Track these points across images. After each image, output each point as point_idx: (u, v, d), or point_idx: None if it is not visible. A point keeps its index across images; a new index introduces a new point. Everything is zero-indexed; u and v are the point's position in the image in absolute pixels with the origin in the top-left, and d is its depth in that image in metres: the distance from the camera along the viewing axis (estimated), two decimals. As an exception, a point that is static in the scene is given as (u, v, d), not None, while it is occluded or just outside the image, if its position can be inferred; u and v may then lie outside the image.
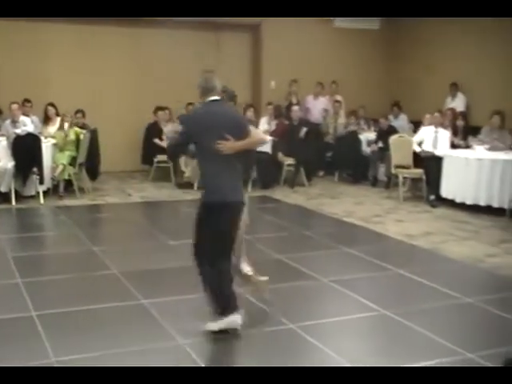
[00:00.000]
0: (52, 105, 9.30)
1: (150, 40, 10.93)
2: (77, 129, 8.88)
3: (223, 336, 4.03)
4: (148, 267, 5.54)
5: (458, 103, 10.41)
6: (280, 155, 9.79)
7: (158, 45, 10.96)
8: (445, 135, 8.86)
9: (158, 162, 9.98)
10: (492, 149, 8.32)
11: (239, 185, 4.16)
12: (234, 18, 10.09)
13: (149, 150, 10.19)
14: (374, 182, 10.09)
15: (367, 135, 10.59)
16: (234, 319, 4.03)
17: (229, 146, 3.96)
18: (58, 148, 8.68)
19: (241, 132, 4.04)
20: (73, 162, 8.62)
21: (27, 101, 9.40)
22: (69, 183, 8.69)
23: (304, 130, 10.01)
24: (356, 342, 4.20)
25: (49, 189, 8.60)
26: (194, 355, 3.74)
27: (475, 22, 9.98)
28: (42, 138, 8.54)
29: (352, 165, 10.38)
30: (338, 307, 4.72)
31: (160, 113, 10.33)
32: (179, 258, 5.80)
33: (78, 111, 9.41)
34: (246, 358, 3.85)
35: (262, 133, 9.92)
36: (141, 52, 10.92)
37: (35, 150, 8.21)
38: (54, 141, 8.73)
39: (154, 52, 10.97)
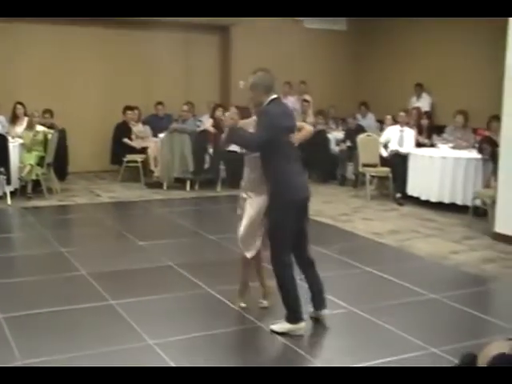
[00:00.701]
0: (21, 104, 9.21)
1: (119, 40, 10.88)
2: (45, 129, 8.81)
3: (193, 335, 4.07)
4: (117, 268, 5.53)
5: (423, 103, 10.63)
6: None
7: (127, 45, 10.93)
8: (410, 134, 9.03)
9: (128, 161, 9.95)
10: (456, 147, 8.50)
11: None
12: (204, 19, 10.20)
13: (118, 150, 10.14)
14: (343, 181, 10.21)
15: (336, 134, 10.70)
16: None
17: (297, 138, 4.18)
18: (26, 148, 8.59)
19: (296, 126, 4.25)
20: (41, 162, 8.54)
21: (-8, 101, 9.29)
22: (37, 184, 8.60)
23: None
24: (325, 339, 4.26)
25: (16, 189, 8.51)
26: (163, 355, 3.77)
27: (439, 23, 10.20)
28: (9, 138, 8.45)
29: (321, 164, 10.48)
30: (307, 305, 4.77)
31: (129, 112, 10.29)
32: (148, 258, 5.83)
33: (45, 111, 9.34)
34: (216, 357, 3.89)
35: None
36: (110, 52, 10.87)
37: (2, 150, 8.11)
38: (21, 141, 8.64)
39: (123, 52, 10.93)
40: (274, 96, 4.09)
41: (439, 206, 8.06)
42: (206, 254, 6.12)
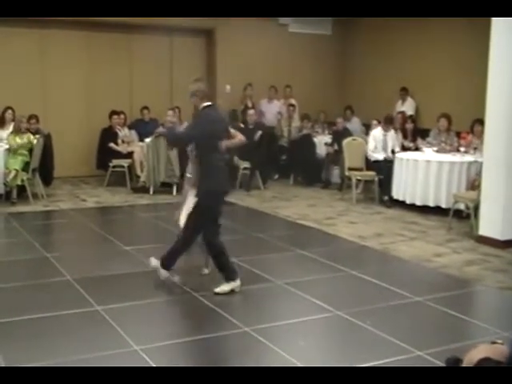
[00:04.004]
0: (10, 108, 9.17)
1: (104, 44, 10.88)
2: (29, 134, 8.77)
3: (178, 341, 4.09)
4: (102, 273, 5.52)
5: (408, 107, 10.71)
6: (236, 159, 9.87)
7: (112, 49, 10.93)
8: (394, 138, 9.12)
9: (114, 166, 9.93)
10: (440, 151, 8.58)
11: None
12: (188, 22, 10.22)
13: (104, 155, 10.13)
14: (327, 185, 10.26)
15: (322, 138, 10.76)
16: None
17: (226, 144, 5.00)
18: (11, 153, 8.55)
19: (227, 133, 5.06)
20: (26, 167, 8.51)
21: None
22: (22, 189, 8.57)
23: (259, 133, 10.11)
24: (310, 343, 4.27)
25: (1, 195, 8.47)
26: (149, 360, 3.77)
27: (423, 27, 10.31)
28: (-6, 143, 8.42)
29: (306, 167, 10.53)
30: (293, 309, 4.80)
31: (115, 117, 10.28)
32: (134, 263, 5.82)
33: (31, 116, 9.25)
34: (201, 361, 3.90)
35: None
36: (95, 56, 10.85)
37: (-14, 156, 8.09)
38: (6, 146, 8.60)
39: (109, 56, 10.93)
40: (209, 103, 4.83)
41: (424, 210, 8.13)
42: (191, 259, 6.12)
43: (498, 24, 6.44)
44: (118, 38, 10.91)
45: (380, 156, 8.98)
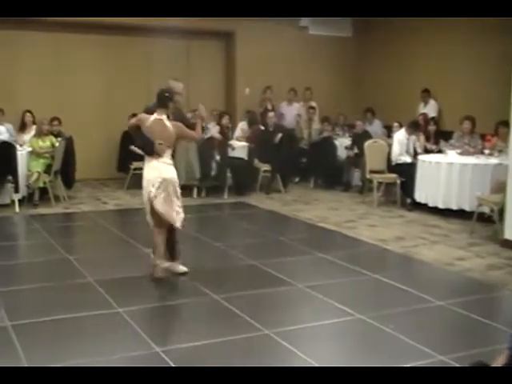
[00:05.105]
0: (29, 112, 9.28)
1: (125, 47, 10.95)
2: (52, 136, 8.85)
3: (199, 343, 4.07)
4: (124, 275, 5.54)
5: (430, 109, 10.60)
6: (256, 161, 9.87)
7: (132, 52, 11.00)
8: (415, 140, 9.05)
9: (134, 169, 9.97)
10: (463, 153, 8.48)
11: None
12: (207, 25, 10.26)
13: (124, 158, 10.18)
14: (348, 188, 10.20)
15: (342, 140, 10.71)
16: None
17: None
18: (33, 156, 8.64)
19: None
20: (48, 169, 8.58)
21: (-1, 110, 9.36)
22: (44, 191, 8.64)
23: (279, 135, 10.10)
24: (332, 347, 4.25)
25: (24, 197, 8.55)
26: (170, 362, 3.77)
27: (446, 27, 10.19)
28: (17, 146, 8.49)
29: (327, 171, 10.49)
30: (314, 313, 4.76)
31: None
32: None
33: (53, 119, 9.36)
34: (222, 364, 3.89)
35: (237, 139, 10.09)
36: (116, 59, 10.93)
37: (10, 158, 8.16)
38: (29, 148, 8.69)
39: (129, 59, 11.00)
40: None
41: (447, 213, 8.04)
42: (210, 262, 6.13)
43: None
44: (137, 42, 10.97)
45: (408, 159, 8.89)
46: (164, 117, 5.25)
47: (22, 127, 9.26)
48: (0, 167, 8.07)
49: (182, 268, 5.48)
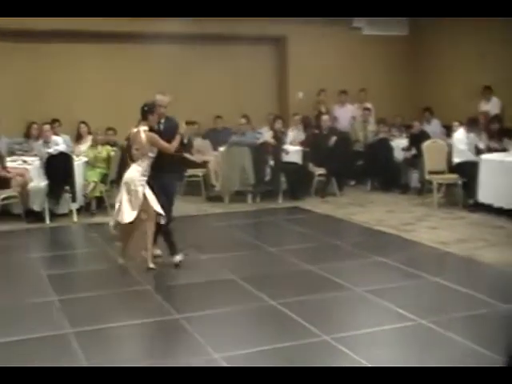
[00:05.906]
0: (84, 123, 9.48)
1: (177, 55, 11.01)
2: (108, 146, 9.00)
3: (257, 349, 4.02)
4: (180, 282, 5.57)
5: (493, 106, 10.23)
6: (311, 166, 9.77)
7: (184, 59, 11.04)
8: (476, 139, 8.76)
9: (189, 176, 10.02)
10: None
11: None
12: (258, 30, 10.24)
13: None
14: (406, 190, 9.98)
15: (399, 142, 10.49)
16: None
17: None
18: (90, 165, 8.80)
19: None
20: (104, 179, 8.72)
21: (55, 120, 9.58)
22: (101, 200, 8.78)
23: (333, 138, 9.98)
24: (393, 353, 4.11)
25: (81, 206, 8.70)
26: (227, 369, 3.73)
27: (507, 22, 9.79)
28: (74, 157, 8.67)
29: (383, 173, 10.29)
30: (373, 318, 4.65)
31: (189, 127, 10.38)
32: (210, 272, 5.82)
33: (109, 128, 9.51)
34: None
35: (290, 143, 10.01)
36: (168, 67, 11.00)
37: (68, 169, 8.32)
38: (85, 159, 8.85)
39: (182, 67, 11.05)
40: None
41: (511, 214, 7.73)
42: (266, 267, 6.07)
43: None
44: (189, 49, 11.02)
45: (469, 157, 8.60)
46: (142, 128, 5.93)
47: (78, 138, 9.45)
48: (58, 178, 8.23)
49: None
